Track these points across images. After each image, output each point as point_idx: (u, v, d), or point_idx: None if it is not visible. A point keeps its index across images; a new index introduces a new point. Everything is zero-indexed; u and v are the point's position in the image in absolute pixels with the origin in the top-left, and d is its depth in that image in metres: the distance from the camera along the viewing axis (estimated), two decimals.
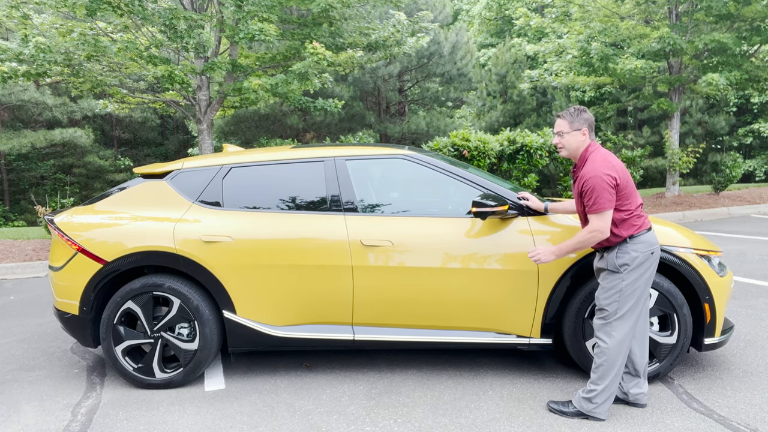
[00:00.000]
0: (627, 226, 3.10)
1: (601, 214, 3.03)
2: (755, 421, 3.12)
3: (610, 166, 3.06)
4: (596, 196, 3.02)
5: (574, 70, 13.84)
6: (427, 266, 3.62)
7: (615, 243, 3.13)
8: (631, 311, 3.10)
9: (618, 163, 3.13)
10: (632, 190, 3.14)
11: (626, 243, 3.10)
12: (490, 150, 9.65)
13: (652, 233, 3.17)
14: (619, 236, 3.10)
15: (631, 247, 3.09)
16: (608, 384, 3.12)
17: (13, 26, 10.16)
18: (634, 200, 3.14)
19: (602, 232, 3.05)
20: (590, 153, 3.17)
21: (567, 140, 3.21)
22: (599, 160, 3.09)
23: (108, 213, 3.93)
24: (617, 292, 3.09)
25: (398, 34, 10.97)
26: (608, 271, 3.14)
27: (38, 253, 8.96)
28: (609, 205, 3.03)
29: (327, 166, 3.91)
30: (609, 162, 3.09)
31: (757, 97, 19.51)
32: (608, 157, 3.12)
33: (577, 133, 3.18)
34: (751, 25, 12.35)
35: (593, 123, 3.22)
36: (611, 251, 3.14)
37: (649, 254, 3.11)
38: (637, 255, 3.08)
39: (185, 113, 12.02)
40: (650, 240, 3.13)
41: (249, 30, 8.67)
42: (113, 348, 3.76)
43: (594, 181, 3.02)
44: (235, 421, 3.32)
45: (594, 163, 3.08)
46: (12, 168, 20.93)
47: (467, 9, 31.76)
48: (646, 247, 3.10)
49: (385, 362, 4.13)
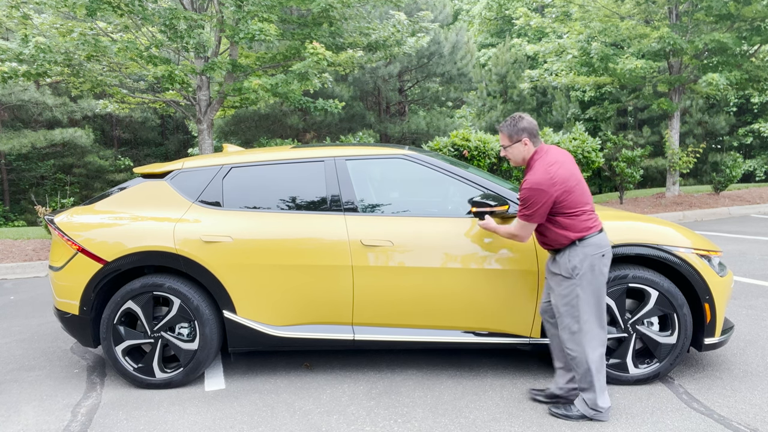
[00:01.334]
0: (575, 228, 3.07)
1: (525, 224, 3.07)
2: (755, 421, 3.11)
3: (548, 179, 3.02)
4: (528, 206, 3.04)
5: (574, 70, 13.84)
6: (427, 266, 3.62)
7: (565, 245, 3.11)
8: (595, 311, 3.10)
9: (561, 172, 3.05)
10: (580, 194, 3.11)
11: (575, 246, 3.07)
12: (491, 150, 9.65)
13: (602, 235, 3.14)
14: (567, 238, 3.09)
15: (580, 250, 3.06)
16: (600, 384, 3.12)
17: (13, 26, 10.16)
18: (583, 203, 3.11)
19: (520, 240, 3.12)
20: (534, 161, 3.15)
21: (510, 152, 3.22)
22: (540, 171, 3.06)
23: (108, 213, 3.93)
24: (575, 298, 3.08)
25: (398, 34, 10.97)
26: (562, 277, 3.12)
27: (38, 253, 8.96)
28: (538, 219, 3.05)
29: (327, 166, 3.91)
30: (549, 173, 3.04)
31: (757, 97, 19.50)
32: (551, 168, 3.06)
33: (518, 144, 3.17)
34: (752, 25, 12.35)
35: (534, 129, 3.18)
36: (562, 254, 3.13)
37: (600, 256, 3.08)
38: (587, 258, 3.06)
39: (185, 113, 12.02)
40: (600, 242, 3.10)
41: (249, 30, 8.67)
42: (113, 348, 3.76)
43: (528, 192, 3.03)
44: (235, 421, 3.32)
45: (534, 174, 3.07)
46: (12, 168, 20.93)
47: (467, 9, 31.76)
48: (595, 250, 3.07)
49: (385, 362, 4.13)
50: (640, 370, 3.58)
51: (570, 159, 3.21)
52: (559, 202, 3.05)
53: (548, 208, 3.05)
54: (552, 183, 3.02)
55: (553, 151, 3.18)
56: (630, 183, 12.83)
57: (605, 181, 20.53)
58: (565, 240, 3.09)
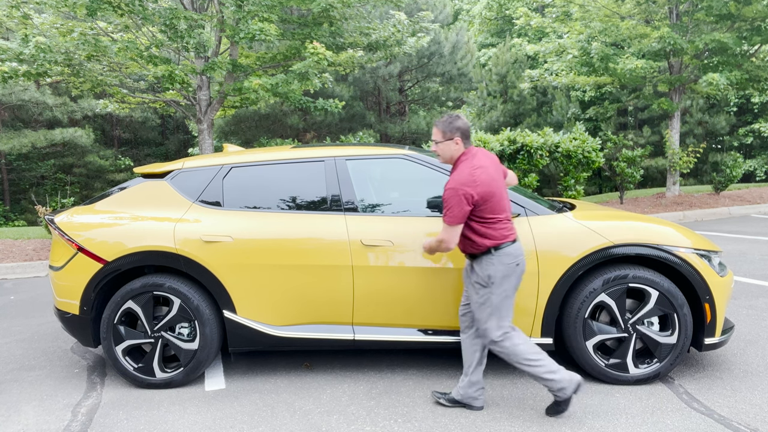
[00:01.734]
0: (491, 236, 3.10)
1: (449, 227, 3.05)
2: (755, 421, 3.11)
3: (471, 181, 3.03)
4: (450, 208, 3.03)
5: (574, 70, 13.83)
6: (428, 266, 3.62)
7: (480, 252, 3.13)
8: (506, 315, 3.16)
9: (485, 176, 3.08)
10: (499, 202, 3.13)
11: (491, 254, 3.10)
12: (491, 150, 9.65)
13: (517, 245, 3.18)
14: (483, 246, 3.11)
15: (495, 259, 3.09)
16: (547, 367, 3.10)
17: (14, 26, 10.16)
18: (501, 211, 3.13)
19: (447, 245, 3.08)
20: (461, 162, 3.16)
21: (441, 149, 3.22)
22: (465, 173, 3.07)
23: (108, 213, 3.93)
24: (491, 307, 3.12)
25: (398, 34, 10.98)
26: (478, 284, 3.15)
27: (38, 253, 8.96)
28: (459, 220, 3.04)
29: (327, 166, 3.91)
30: (473, 176, 3.05)
31: (758, 96, 19.49)
32: (476, 171, 3.07)
33: (450, 142, 3.18)
34: (752, 25, 12.35)
35: (468, 131, 3.20)
36: (479, 261, 3.15)
37: (514, 266, 3.13)
38: (501, 267, 3.10)
39: (185, 113, 12.02)
40: (516, 252, 3.15)
41: (249, 30, 8.67)
42: (113, 348, 3.76)
43: (451, 193, 3.03)
44: (235, 421, 3.32)
45: (458, 175, 3.07)
46: (12, 168, 20.94)
47: (467, 9, 31.75)
48: (510, 259, 3.11)
49: (385, 362, 4.13)
50: (641, 370, 3.58)
51: (494, 165, 3.22)
52: (479, 205, 3.07)
53: (469, 209, 3.06)
54: (475, 185, 3.04)
55: (480, 155, 3.21)
56: (630, 183, 12.83)
57: (605, 181, 20.54)
58: (481, 247, 3.12)
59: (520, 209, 3.70)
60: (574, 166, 10.25)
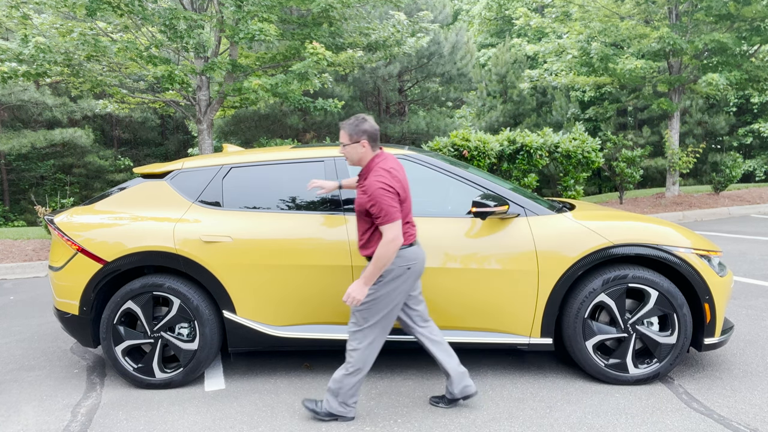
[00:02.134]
0: None
1: (392, 224, 3.02)
2: (755, 421, 3.12)
3: (392, 179, 3.06)
4: (385, 208, 3.00)
5: (574, 70, 13.84)
6: (427, 266, 3.62)
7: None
8: (383, 320, 3.16)
9: (402, 177, 3.14)
10: (408, 207, 3.18)
11: None
12: (490, 150, 9.65)
13: (414, 249, 3.19)
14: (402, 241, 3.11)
15: None
16: (354, 384, 3.19)
17: (13, 26, 10.16)
18: (407, 216, 3.18)
19: (397, 239, 3.03)
20: (375, 164, 3.16)
21: (347, 151, 3.21)
22: (383, 173, 3.07)
23: (108, 213, 3.93)
24: (371, 301, 3.12)
25: (398, 34, 10.98)
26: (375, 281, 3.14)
27: (38, 253, 8.96)
28: (398, 215, 3.03)
29: (327, 166, 3.91)
30: (392, 174, 3.08)
31: (757, 97, 19.50)
32: (392, 171, 3.10)
33: (357, 145, 3.17)
34: (751, 25, 12.35)
35: (375, 134, 3.19)
36: None
37: (405, 269, 3.13)
38: (394, 268, 3.10)
39: (185, 113, 12.02)
40: (410, 255, 3.15)
41: (249, 30, 8.67)
42: (113, 348, 3.76)
43: (378, 193, 3.01)
44: (235, 421, 3.32)
45: (377, 176, 3.07)
46: (12, 168, 20.93)
47: (467, 9, 31.75)
48: (404, 262, 3.12)
49: (385, 362, 4.13)
50: (640, 370, 3.58)
51: (403, 171, 3.23)
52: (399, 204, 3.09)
53: (398, 202, 3.06)
54: (397, 181, 3.08)
55: (391, 159, 3.22)
56: (630, 183, 12.84)
57: (605, 181, 20.55)
58: None
59: (520, 209, 3.70)
60: (574, 166, 10.26)
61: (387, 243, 3.01)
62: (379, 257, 3.01)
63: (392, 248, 3.01)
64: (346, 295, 3.08)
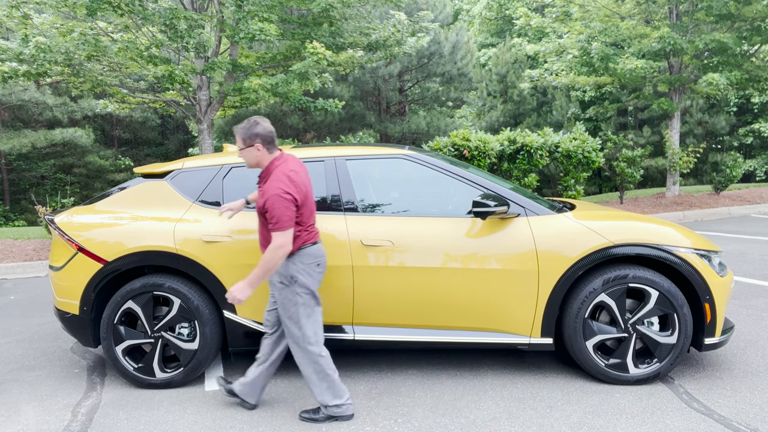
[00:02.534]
0: (297, 240, 3.14)
1: (283, 232, 3.03)
2: (755, 421, 3.11)
3: (290, 185, 3.06)
4: (278, 216, 3.01)
5: (574, 70, 13.83)
6: (428, 266, 3.62)
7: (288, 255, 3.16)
8: (310, 315, 3.20)
9: (301, 180, 3.15)
10: (309, 207, 3.20)
11: (294, 255, 3.15)
12: (491, 150, 9.65)
13: (318, 246, 3.26)
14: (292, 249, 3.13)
15: (298, 259, 3.15)
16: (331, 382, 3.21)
17: (14, 26, 10.16)
18: (309, 216, 3.21)
19: (286, 247, 3.04)
20: (275, 167, 3.15)
21: (244, 155, 3.21)
22: (282, 177, 3.07)
23: (108, 213, 3.93)
24: (294, 306, 3.16)
25: (398, 34, 10.97)
26: (282, 285, 3.17)
27: (38, 253, 8.96)
28: (290, 223, 3.04)
29: (327, 166, 3.92)
30: (291, 179, 3.08)
31: (758, 97, 19.49)
32: (291, 174, 3.10)
33: (251, 148, 3.16)
34: (752, 25, 12.35)
35: (269, 136, 3.17)
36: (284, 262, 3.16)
37: (315, 265, 3.21)
38: (303, 266, 3.16)
39: (185, 113, 12.02)
40: (315, 252, 3.22)
41: (249, 30, 8.67)
42: (113, 348, 3.76)
43: (274, 200, 3.01)
44: (235, 421, 3.32)
45: (276, 181, 3.06)
46: (12, 168, 20.93)
47: (467, 9, 31.75)
48: (311, 259, 3.19)
49: (385, 362, 4.13)
50: (641, 370, 3.58)
51: (305, 172, 3.26)
52: (298, 209, 3.10)
53: (296, 211, 3.07)
54: (295, 187, 3.08)
55: (292, 161, 3.22)
56: (630, 183, 12.84)
57: (605, 181, 20.55)
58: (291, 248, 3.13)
59: (520, 209, 3.70)
60: (574, 166, 10.26)
61: (275, 249, 3.02)
62: (265, 261, 3.03)
63: (279, 254, 3.03)
64: (229, 293, 3.07)
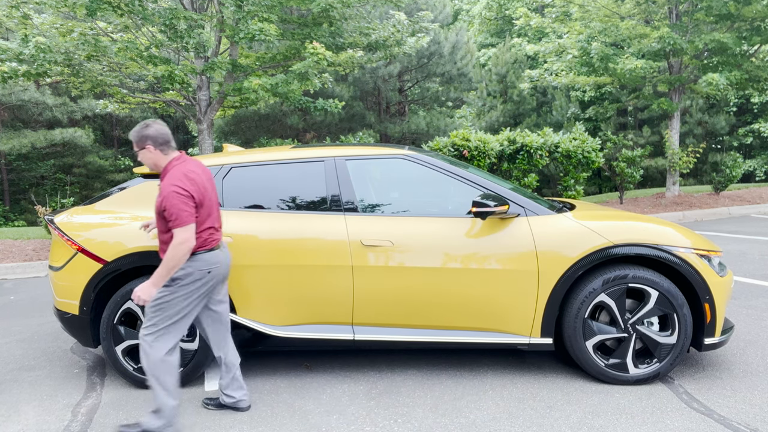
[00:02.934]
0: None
1: (183, 228, 2.98)
2: (755, 421, 3.12)
3: (187, 182, 3.02)
4: (176, 212, 2.96)
5: (574, 70, 13.84)
6: (428, 266, 3.62)
7: None
8: (176, 325, 3.10)
9: (201, 180, 3.10)
10: (208, 211, 3.13)
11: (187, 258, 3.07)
12: (490, 150, 9.65)
13: (215, 253, 3.16)
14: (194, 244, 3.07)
15: (188, 263, 3.07)
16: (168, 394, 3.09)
17: (13, 26, 10.16)
18: (206, 220, 3.13)
19: (188, 242, 2.98)
20: (171, 167, 3.13)
21: (141, 157, 3.18)
22: (178, 175, 3.04)
23: (108, 213, 3.93)
24: (163, 304, 3.05)
25: (398, 34, 10.97)
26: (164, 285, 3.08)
27: (38, 253, 8.96)
28: (190, 219, 2.99)
29: (327, 166, 3.92)
30: (189, 178, 3.05)
31: (758, 97, 19.50)
32: (189, 173, 3.07)
33: (145, 150, 3.14)
34: (752, 25, 12.35)
35: (161, 137, 3.12)
36: None
37: (205, 272, 3.11)
38: (192, 272, 3.07)
39: (185, 113, 12.02)
40: (210, 259, 3.13)
41: (249, 30, 8.67)
42: (113, 348, 3.75)
43: (171, 197, 2.97)
44: (235, 421, 3.32)
45: (172, 178, 3.03)
46: (12, 168, 20.92)
47: (467, 9, 31.76)
48: (203, 265, 3.10)
49: (385, 362, 4.13)
50: (640, 370, 3.59)
51: (207, 177, 3.21)
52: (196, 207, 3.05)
53: (194, 207, 3.03)
54: (192, 184, 3.04)
55: (193, 164, 3.19)
56: (630, 183, 12.84)
57: (605, 181, 20.55)
58: None
59: (520, 209, 3.70)
60: (574, 166, 10.26)
61: (177, 245, 2.96)
62: (168, 259, 2.97)
63: (182, 251, 2.97)
64: (134, 294, 3.01)
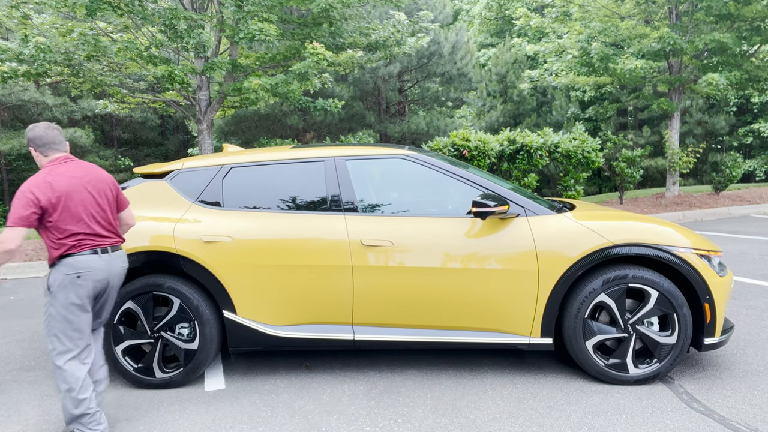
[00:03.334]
0: (58, 247, 2.99)
1: (11, 228, 2.90)
2: (755, 421, 3.12)
3: (42, 186, 2.93)
4: (12, 210, 2.91)
5: (574, 70, 13.84)
6: (427, 266, 3.62)
7: (51, 263, 3.06)
8: (64, 336, 3.00)
9: (62, 186, 2.99)
10: (74, 216, 3.00)
11: (55, 264, 3.02)
12: (490, 150, 9.65)
13: (85, 258, 3.01)
14: (52, 257, 3.03)
15: (56, 269, 3.00)
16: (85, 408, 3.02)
17: (13, 26, 10.16)
18: (74, 225, 3.00)
19: (7, 243, 2.87)
20: (42, 169, 3.08)
21: (35, 158, 3.18)
22: (39, 177, 2.97)
23: None
24: (48, 316, 3.00)
25: (398, 34, 10.97)
26: (46, 292, 3.04)
27: (38, 253, 8.96)
28: (19, 222, 2.88)
29: (327, 166, 3.92)
30: (47, 181, 2.96)
31: (757, 97, 19.51)
32: (54, 177, 2.99)
33: (30, 151, 3.15)
34: (751, 25, 12.36)
35: (40, 140, 3.08)
36: (50, 270, 3.07)
37: (74, 278, 2.98)
38: (60, 278, 2.97)
39: (185, 113, 12.02)
40: (76, 264, 2.99)
41: (249, 30, 8.67)
42: (113, 348, 3.75)
43: (17, 197, 2.93)
44: (235, 421, 3.32)
45: (29, 180, 2.99)
46: (12, 168, 20.93)
47: (467, 9, 31.76)
48: (69, 270, 2.97)
49: (385, 362, 4.13)
50: (640, 370, 3.59)
51: (92, 180, 3.12)
52: (49, 213, 2.97)
53: (36, 215, 2.93)
54: (46, 190, 2.93)
55: (73, 166, 3.11)
56: (630, 183, 12.84)
57: (605, 181, 20.56)
58: (52, 257, 3.03)
59: (520, 209, 3.70)
60: (574, 166, 10.26)
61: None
62: None
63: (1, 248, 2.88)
64: None
